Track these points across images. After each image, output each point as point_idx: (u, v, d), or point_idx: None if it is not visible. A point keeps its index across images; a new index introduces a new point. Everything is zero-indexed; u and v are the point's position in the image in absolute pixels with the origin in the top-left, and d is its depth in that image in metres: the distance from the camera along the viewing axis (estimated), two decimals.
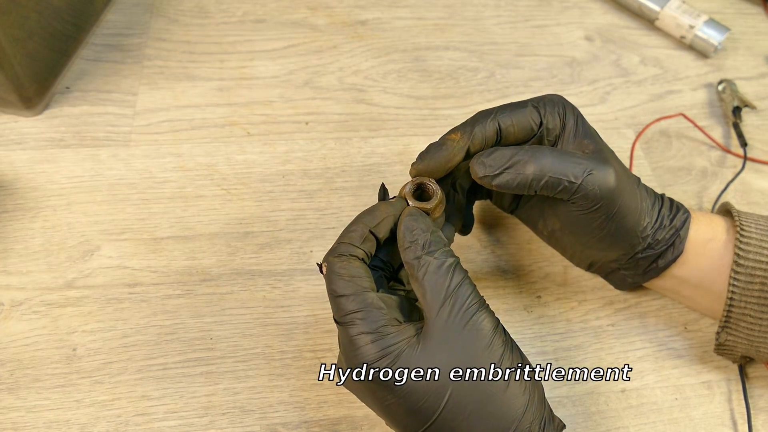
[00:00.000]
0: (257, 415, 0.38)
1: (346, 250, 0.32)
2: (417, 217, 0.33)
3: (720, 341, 0.39)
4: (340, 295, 0.31)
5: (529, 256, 0.45)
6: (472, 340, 0.30)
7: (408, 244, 0.32)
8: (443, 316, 0.30)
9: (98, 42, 0.52)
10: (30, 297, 0.41)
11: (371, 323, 0.30)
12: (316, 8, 0.56)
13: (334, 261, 0.32)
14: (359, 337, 0.30)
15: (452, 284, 0.30)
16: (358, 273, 0.31)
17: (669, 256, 0.39)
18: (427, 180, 0.35)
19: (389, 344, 0.30)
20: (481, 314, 0.30)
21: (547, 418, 0.31)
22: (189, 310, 0.41)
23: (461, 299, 0.30)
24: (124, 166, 0.46)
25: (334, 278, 0.31)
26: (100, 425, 0.37)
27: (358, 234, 0.32)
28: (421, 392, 0.29)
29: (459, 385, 0.29)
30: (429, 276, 0.31)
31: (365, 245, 0.32)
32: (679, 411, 0.40)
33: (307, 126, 0.49)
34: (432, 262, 0.31)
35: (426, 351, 0.30)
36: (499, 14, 0.58)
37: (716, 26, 0.55)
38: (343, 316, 0.31)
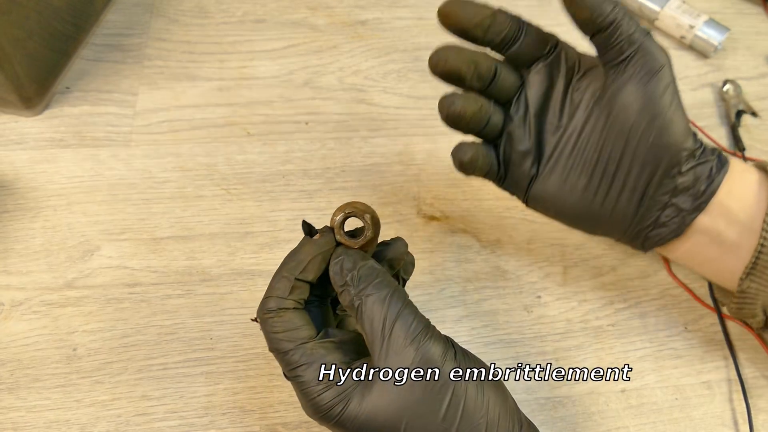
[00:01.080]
0: (257, 415, 0.38)
1: (275, 305, 0.31)
2: (342, 257, 0.32)
3: (742, 288, 0.37)
4: (282, 351, 0.31)
5: (529, 256, 0.45)
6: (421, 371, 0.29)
7: (340, 289, 0.31)
8: (388, 352, 0.30)
9: (98, 42, 0.52)
10: (30, 297, 0.41)
11: (315, 372, 0.30)
12: (316, 8, 0.56)
13: (265, 318, 0.31)
14: (308, 390, 0.30)
15: (389, 317, 0.30)
16: (293, 325, 0.31)
17: (720, 168, 0.36)
18: (358, 211, 0.32)
19: (339, 391, 0.30)
20: (426, 342, 0.30)
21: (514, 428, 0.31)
22: (189, 310, 0.41)
23: (403, 330, 0.30)
24: (124, 166, 0.46)
25: (270, 336, 0.31)
26: (100, 425, 0.37)
27: (284, 285, 0.32)
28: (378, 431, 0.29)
29: (412, 422, 0.29)
30: (366, 315, 0.30)
31: (294, 294, 0.32)
32: (679, 411, 0.40)
33: (307, 126, 0.49)
34: (365, 301, 0.30)
35: (375, 390, 0.29)
36: None
37: (716, 26, 0.55)
38: (291, 370, 0.31)
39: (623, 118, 0.35)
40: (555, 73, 0.38)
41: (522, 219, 0.46)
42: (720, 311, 0.43)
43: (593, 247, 0.46)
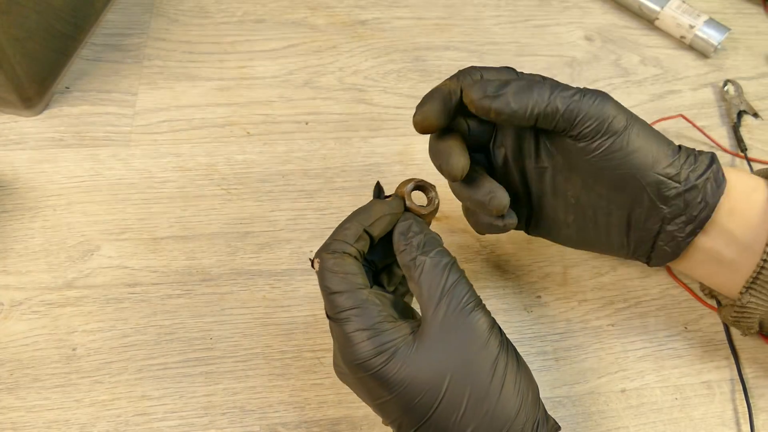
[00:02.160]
0: (257, 415, 0.38)
1: (340, 248, 0.32)
2: (411, 220, 0.33)
3: (742, 303, 0.37)
4: (334, 292, 0.31)
5: (529, 256, 0.45)
6: (468, 339, 0.30)
7: (403, 247, 0.32)
8: (439, 314, 0.30)
9: (98, 42, 0.52)
10: (30, 297, 0.41)
11: (367, 320, 0.30)
12: (316, 8, 0.56)
13: (327, 257, 0.32)
14: (355, 334, 0.30)
15: (448, 283, 0.31)
16: (352, 270, 0.31)
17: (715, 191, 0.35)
18: (427, 182, 0.35)
19: (385, 341, 0.30)
20: (477, 313, 0.30)
21: (541, 419, 0.31)
22: (189, 310, 0.41)
23: (457, 298, 0.30)
24: (124, 166, 0.46)
25: (327, 275, 0.31)
26: (100, 425, 0.37)
27: (352, 232, 0.32)
28: (416, 390, 0.29)
29: (454, 384, 0.29)
30: (425, 276, 0.31)
31: (359, 244, 0.32)
32: (679, 411, 0.40)
33: (307, 126, 0.49)
34: (427, 262, 0.31)
35: (422, 349, 0.30)
36: (499, 14, 0.58)
37: (716, 26, 0.55)
38: (337, 313, 0.31)
39: (581, 170, 0.35)
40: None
41: None
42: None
43: None
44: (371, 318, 0.30)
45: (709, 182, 0.35)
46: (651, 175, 0.34)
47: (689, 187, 0.35)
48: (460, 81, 0.34)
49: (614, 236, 0.37)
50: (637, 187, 0.35)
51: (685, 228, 0.36)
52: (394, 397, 0.30)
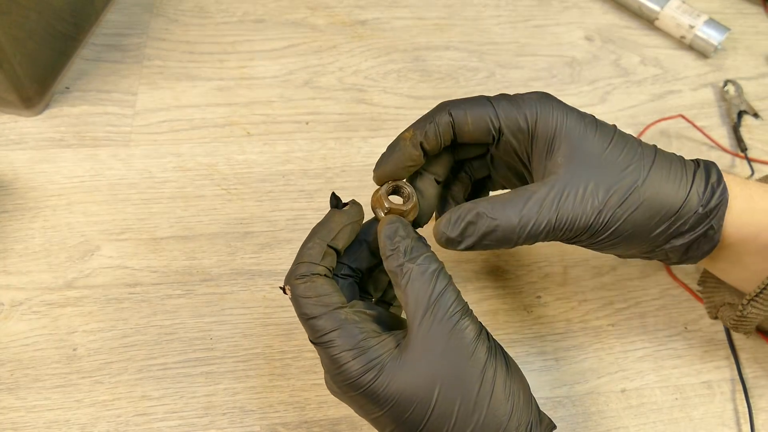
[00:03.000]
0: (257, 415, 0.38)
1: (308, 270, 0.31)
2: (397, 224, 0.32)
3: (744, 313, 0.37)
4: (312, 317, 0.31)
5: (529, 256, 0.45)
6: (455, 348, 0.30)
7: (390, 252, 0.32)
8: (425, 325, 0.30)
9: (98, 42, 0.52)
10: (30, 297, 0.41)
11: (350, 339, 0.30)
12: (316, 8, 0.56)
13: (297, 284, 0.31)
14: (340, 356, 0.30)
15: (435, 292, 0.30)
16: (325, 291, 0.31)
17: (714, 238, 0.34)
18: (401, 182, 0.35)
19: (372, 358, 0.30)
20: (464, 322, 0.30)
21: (534, 421, 0.31)
22: (189, 310, 0.41)
23: (443, 307, 0.30)
24: (124, 166, 0.46)
25: (301, 301, 0.31)
26: (100, 425, 0.37)
27: (317, 251, 0.32)
28: (406, 404, 0.29)
29: (443, 396, 0.29)
30: (412, 284, 0.30)
31: (325, 261, 0.32)
32: (679, 411, 0.40)
33: (307, 126, 0.49)
34: (414, 269, 0.31)
35: (409, 362, 0.29)
36: (499, 14, 0.58)
37: (716, 26, 0.55)
38: (319, 337, 0.30)
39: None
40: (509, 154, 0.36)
41: None
42: None
43: None
44: (354, 337, 0.30)
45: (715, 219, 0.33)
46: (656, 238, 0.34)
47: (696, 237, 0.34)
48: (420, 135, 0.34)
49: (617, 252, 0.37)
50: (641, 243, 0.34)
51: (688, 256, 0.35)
52: (386, 412, 0.30)
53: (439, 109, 0.34)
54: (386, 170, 0.35)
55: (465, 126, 0.34)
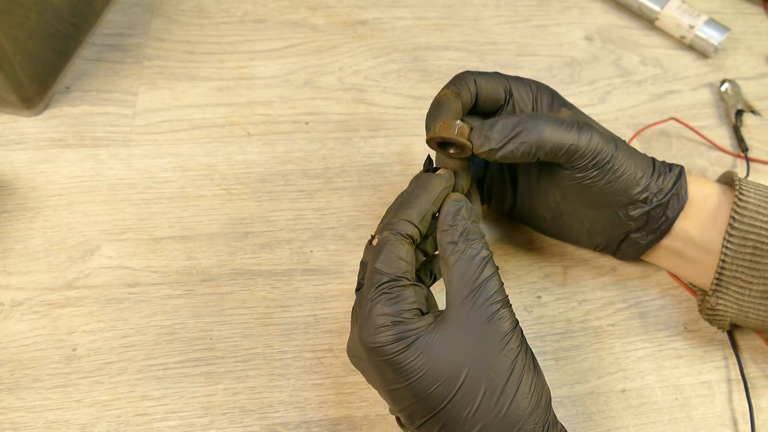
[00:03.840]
0: (257, 415, 0.38)
1: (404, 229, 0.32)
2: (462, 203, 0.33)
3: (711, 305, 0.39)
4: (379, 271, 0.31)
5: (529, 256, 0.45)
6: (490, 336, 0.30)
7: (447, 227, 0.32)
8: (466, 306, 0.30)
9: (98, 42, 0.52)
10: (30, 297, 0.41)
11: (396, 306, 0.30)
12: (316, 8, 0.56)
13: (388, 237, 0.32)
14: (380, 317, 0.30)
15: (481, 277, 0.31)
16: (406, 257, 0.31)
17: (676, 206, 0.39)
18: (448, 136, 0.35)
19: (407, 329, 0.30)
20: (503, 312, 0.31)
21: (551, 422, 0.31)
22: (189, 310, 0.41)
23: (486, 293, 0.30)
24: (124, 166, 0.46)
25: (382, 253, 0.31)
26: (100, 425, 0.37)
27: (417, 211, 0.33)
28: (431, 379, 0.29)
29: (470, 378, 0.29)
30: (460, 264, 0.31)
31: (422, 224, 0.33)
32: (679, 411, 0.40)
33: (307, 126, 0.49)
34: (466, 251, 0.31)
35: (443, 339, 0.30)
36: (499, 14, 0.58)
37: (716, 26, 0.55)
38: (372, 290, 0.31)
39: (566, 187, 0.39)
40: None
41: None
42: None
43: None
44: (400, 306, 0.30)
45: (673, 198, 0.39)
46: (624, 200, 0.38)
47: (654, 206, 0.39)
48: (457, 87, 0.37)
49: (584, 237, 0.43)
50: (611, 207, 0.39)
51: (646, 237, 0.41)
52: (408, 384, 0.30)
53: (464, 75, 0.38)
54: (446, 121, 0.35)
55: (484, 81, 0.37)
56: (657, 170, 0.39)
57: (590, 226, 0.41)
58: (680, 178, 0.39)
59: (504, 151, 0.35)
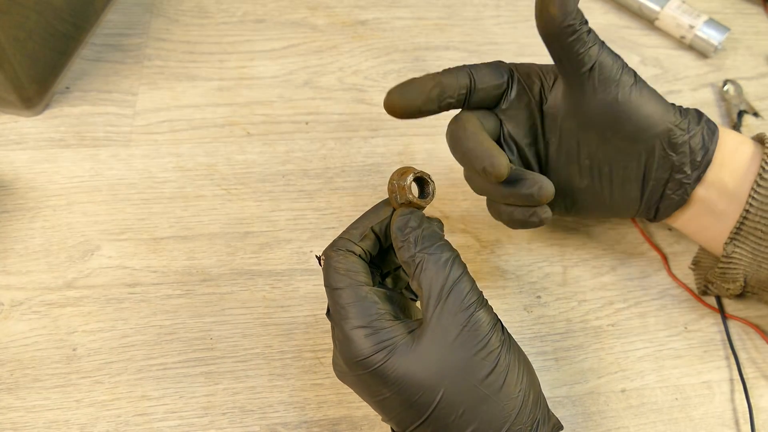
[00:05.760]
0: (257, 415, 0.38)
1: (344, 245, 0.32)
2: (408, 215, 0.33)
3: (727, 253, 0.38)
4: (335, 288, 0.31)
5: (529, 256, 0.45)
6: (468, 338, 0.30)
7: (401, 243, 0.32)
8: (439, 313, 0.30)
9: (98, 42, 0.52)
10: (30, 297, 0.41)
11: (366, 317, 0.30)
12: (316, 8, 0.56)
13: (331, 254, 0.32)
14: (354, 332, 0.30)
15: (449, 281, 0.30)
16: (354, 268, 0.32)
17: (710, 138, 0.37)
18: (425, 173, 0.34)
19: (384, 339, 0.30)
20: (479, 313, 0.30)
21: (541, 419, 0.31)
22: (189, 310, 0.41)
23: (458, 296, 0.30)
24: (124, 166, 0.46)
25: (330, 271, 0.32)
26: (100, 425, 0.37)
27: (359, 231, 0.33)
28: (415, 388, 0.29)
29: (452, 384, 0.29)
30: (425, 273, 0.31)
31: (364, 243, 0.33)
32: (679, 411, 0.40)
33: (307, 126, 0.49)
34: (427, 259, 0.31)
35: (421, 347, 0.30)
36: (499, 14, 0.58)
37: (716, 26, 0.55)
38: (337, 310, 0.31)
39: (599, 125, 0.37)
40: (525, 100, 0.38)
41: None
42: (723, 311, 0.43)
43: (593, 247, 0.46)
44: (370, 315, 0.30)
45: (705, 129, 0.37)
46: (663, 124, 0.36)
47: (692, 134, 0.37)
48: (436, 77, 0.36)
49: (628, 190, 0.39)
50: (651, 135, 0.37)
51: (691, 174, 0.38)
52: (393, 394, 0.30)
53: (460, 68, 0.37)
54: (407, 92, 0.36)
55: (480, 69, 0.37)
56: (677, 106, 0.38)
57: (636, 171, 0.38)
58: (701, 113, 0.38)
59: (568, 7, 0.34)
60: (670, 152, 0.37)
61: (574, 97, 0.37)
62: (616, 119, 0.36)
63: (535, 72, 0.38)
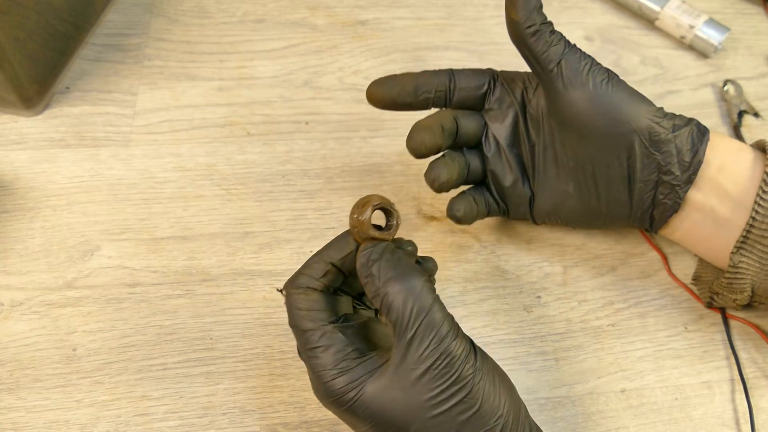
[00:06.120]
0: (257, 415, 0.38)
1: (305, 283, 0.32)
2: (370, 248, 0.31)
3: (734, 263, 0.38)
4: (301, 329, 0.31)
5: (529, 256, 0.45)
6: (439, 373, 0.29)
7: (365, 279, 0.31)
8: (406, 349, 0.29)
9: (98, 42, 0.52)
10: (30, 297, 0.41)
11: (334, 357, 0.30)
12: (316, 8, 0.56)
13: (291, 292, 0.32)
14: (323, 373, 0.30)
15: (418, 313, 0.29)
16: (317, 306, 0.31)
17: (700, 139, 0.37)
18: (386, 202, 0.32)
19: (353, 378, 0.30)
20: (451, 345, 0.29)
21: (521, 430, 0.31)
22: (189, 310, 0.41)
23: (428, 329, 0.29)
24: (124, 166, 0.46)
25: (293, 311, 0.31)
26: (100, 425, 0.37)
27: (320, 267, 0.32)
28: (387, 424, 0.29)
29: (421, 420, 0.29)
30: (392, 307, 0.29)
31: (325, 278, 0.32)
32: (679, 411, 0.40)
33: (307, 126, 0.49)
34: (391, 293, 0.29)
35: (389, 385, 0.29)
36: (499, 14, 0.58)
37: (716, 26, 0.55)
38: (305, 350, 0.31)
39: (575, 124, 0.37)
40: (508, 102, 0.40)
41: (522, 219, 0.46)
42: (723, 310, 0.43)
43: (593, 247, 0.46)
44: (338, 354, 0.30)
45: (694, 131, 0.37)
46: (640, 120, 0.36)
47: (678, 133, 0.37)
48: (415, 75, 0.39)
49: (616, 194, 0.39)
50: (628, 131, 0.36)
51: (680, 176, 0.37)
52: (370, 428, 0.30)
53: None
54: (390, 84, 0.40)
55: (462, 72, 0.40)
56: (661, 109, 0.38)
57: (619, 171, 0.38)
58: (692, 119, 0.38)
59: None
60: (653, 151, 0.37)
61: (549, 97, 0.38)
62: (589, 115, 0.37)
63: (520, 77, 0.40)
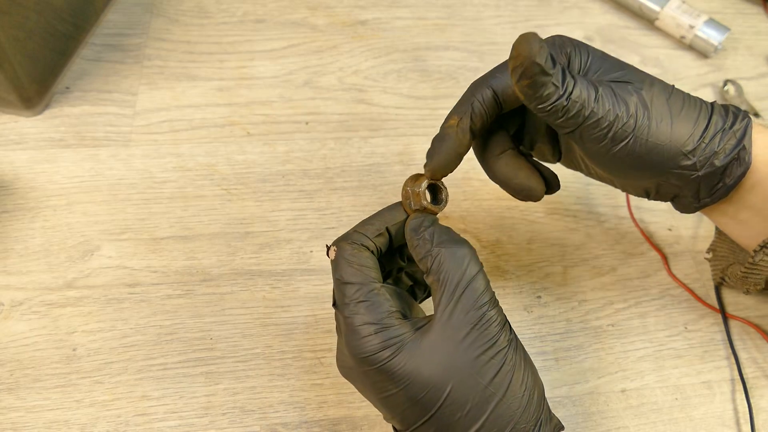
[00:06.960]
0: (257, 415, 0.38)
1: (359, 239, 0.32)
2: (422, 217, 0.33)
3: (755, 261, 0.37)
4: (347, 282, 0.31)
5: (529, 256, 0.45)
6: (477, 338, 0.30)
7: (417, 242, 0.32)
8: (451, 310, 0.30)
9: (98, 42, 0.52)
10: (30, 297, 0.41)
11: (375, 314, 0.30)
12: (316, 8, 0.56)
13: (345, 247, 0.32)
14: (362, 327, 0.30)
15: (465, 277, 0.30)
16: (367, 263, 0.31)
17: (736, 171, 0.33)
18: (440, 183, 0.34)
19: (392, 335, 0.30)
20: (490, 313, 0.30)
21: (544, 419, 0.31)
22: (189, 310, 0.41)
23: (472, 294, 0.30)
24: (124, 166, 0.46)
25: (342, 264, 0.32)
26: (100, 425, 0.37)
27: (375, 228, 0.33)
28: (421, 385, 0.29)
29: (460, 382, 0.29)
30: (442, 267, 0.30)
31: (378, 239, 0.33)
32: (679, 411, 0.40)
33: (307, 126, 0.49)
34: (444, 253, 0.31)
35: (430, 344, 0.29)
36: (499, 14, 0.58)
37: (716, 26, 0.55)
38: (346, 304, 0.31)
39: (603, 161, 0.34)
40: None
41: (522, 219, 0.46)
42: (723, 310, 0.43)
43: (593, 247, 0.46)
44: (380, 312, 0.30)
45: (733, 164, 0.33)
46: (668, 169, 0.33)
47: (707, 173, 0.33)
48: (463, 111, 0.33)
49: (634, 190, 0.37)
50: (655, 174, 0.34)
51: (699, 201, 0.35)
52: (399, 391, 0.30)
53: (477, 88, 0.34)
54: (440, 162, 0.33)
55: (509, 89, 0.33)
56: (713, 125, 0.33)
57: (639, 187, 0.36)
58: (744, 136, 0.33)
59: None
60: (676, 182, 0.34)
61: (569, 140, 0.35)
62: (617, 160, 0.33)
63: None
